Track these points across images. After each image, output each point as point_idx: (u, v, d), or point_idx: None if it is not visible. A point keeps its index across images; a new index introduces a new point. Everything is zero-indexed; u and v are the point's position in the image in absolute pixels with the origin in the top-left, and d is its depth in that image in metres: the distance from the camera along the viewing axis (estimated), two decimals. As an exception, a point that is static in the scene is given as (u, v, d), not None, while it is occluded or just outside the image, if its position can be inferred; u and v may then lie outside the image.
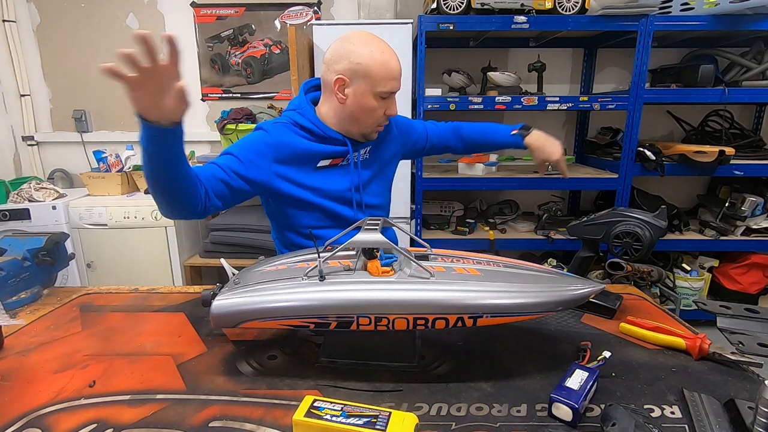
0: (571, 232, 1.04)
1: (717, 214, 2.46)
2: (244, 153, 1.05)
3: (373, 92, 1.06)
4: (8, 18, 2.63)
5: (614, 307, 0.94)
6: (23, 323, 0.94)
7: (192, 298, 1.07)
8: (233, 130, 2.37)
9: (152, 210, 2.35)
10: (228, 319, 0.71)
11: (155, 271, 2.43)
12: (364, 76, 1.05)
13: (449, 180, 2.33)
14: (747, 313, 0.85)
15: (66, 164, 2.87)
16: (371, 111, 1.09)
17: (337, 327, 0.70)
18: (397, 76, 1.08)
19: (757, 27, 2.11)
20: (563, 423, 0.62)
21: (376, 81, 1.05)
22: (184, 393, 0.70)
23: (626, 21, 2.11)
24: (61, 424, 0.63)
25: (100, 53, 2.73)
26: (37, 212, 2.31)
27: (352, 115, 1.11)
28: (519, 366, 0.76)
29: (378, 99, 1.08)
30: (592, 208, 2.85)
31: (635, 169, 2.29)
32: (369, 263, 0.74)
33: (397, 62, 1.08)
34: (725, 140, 2.44)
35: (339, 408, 0.58)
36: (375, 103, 1.08)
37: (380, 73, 1.05)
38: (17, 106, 2.77)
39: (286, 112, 1.18)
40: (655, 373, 0.74)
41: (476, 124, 1.45)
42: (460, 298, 0.68)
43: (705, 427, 0.60)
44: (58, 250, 1.12)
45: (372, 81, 1.05)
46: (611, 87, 2.76)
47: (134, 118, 0.78)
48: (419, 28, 2.12)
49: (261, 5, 2.67)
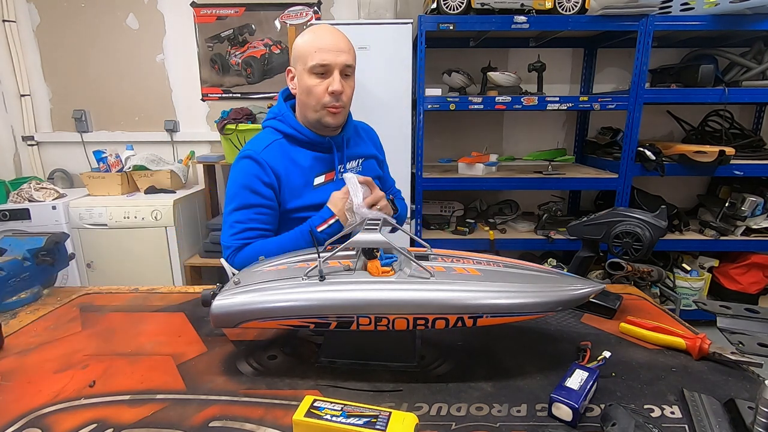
0: (571, 232, 1.04)
1: (717, 214, 2.46)
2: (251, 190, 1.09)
3: (306, 70, 1.07)
4: (8, 18, 2.63)
5: (614, 307, 0.94)
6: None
7: (192, 298, 1.07)
8: (233, 130, 2.37)
9: (152, 210, 2.35)
10: (228, 319, 0.71)
11: (155, 271, 2.43)
12: (298, 57, 1.09)
13: (449, 180, 2.33)
14: (747, 313, 0.85)
15: (66, 164, 2.87)
16: (310, 91, 1.08)
17: (337, 327, 0.70)
18: (324, 47, 1.05)
19: (757, 27, 2.11)
20: (563, 423, 0.62)
21: (305, 57, 1.07)
22: (184, 393, 0.70)
23: (626, 21, 2.11)
24: (61, 424, 0.63)
25: (100, 53, 2.73)
26: (37, 212, 2.31)
27: (301, 102, 1.12)
28: (519, 366, 0.76)
29: (313, 76, 1.07)
30: (592, 208, 2.85)
31: (635, 169, 2.29)
32: (369, 263, 0.74)
33: (330, 35, 1.07)
34: (725, 140, 2.44)
35: (339, 408, 0.58)
36: (312, 81, 1.07)
37: (307, 49, 1.06)
38: (17, 106, 2.78)
39: (267, 122, 1.19)
40: (655, 373, 0.74)
41: None
42: (460, 298, 0.68)
43: (705, 427, 0.60)
44: (58, 250, 1.12)
45: (303, 59, 1.07)
46: (611, 87, 2.76)
47: (134, 118, 0.79)
48: (419, 28, 2.12)
49: (261, 5, 2.67)
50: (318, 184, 1.15)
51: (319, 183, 1.15)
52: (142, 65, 2.75)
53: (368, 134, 1.35)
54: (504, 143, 2.86)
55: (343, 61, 1.07)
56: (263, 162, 1.09)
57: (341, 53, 1.07)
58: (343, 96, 1.09)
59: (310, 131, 1.14)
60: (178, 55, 2.74)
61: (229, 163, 2.52)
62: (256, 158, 1.09)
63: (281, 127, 1.15)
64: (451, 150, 2.80)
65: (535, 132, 2.84)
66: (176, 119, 2.82)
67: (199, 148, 2.84)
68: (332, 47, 1.06)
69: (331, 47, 1.06)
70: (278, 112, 1.17)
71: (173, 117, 2.83)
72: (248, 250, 1.08)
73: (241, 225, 1.09)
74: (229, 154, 2.49)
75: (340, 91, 1.08)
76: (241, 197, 1.09)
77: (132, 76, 2.77)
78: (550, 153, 2.45)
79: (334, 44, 1.07)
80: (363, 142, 1.29)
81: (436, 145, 2.79)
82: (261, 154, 1.10)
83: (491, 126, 2.83)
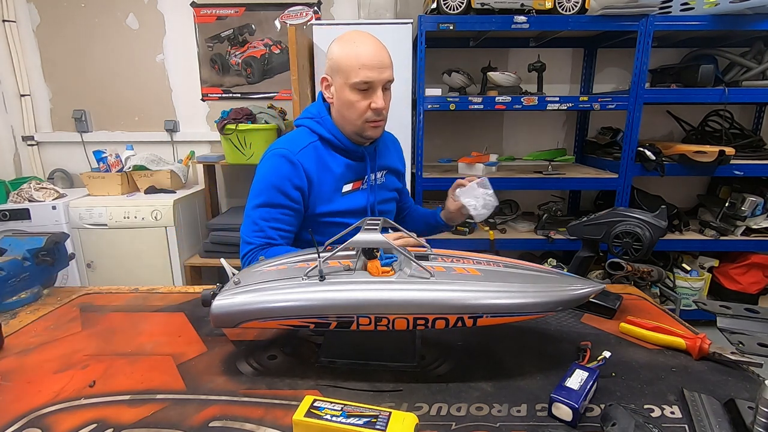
0: (571, 232, 1.04)
1: (717, 214, 2.46)
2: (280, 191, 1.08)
3: (348, 85, 1.04)
4: (8, 18, 2.63)
5: (614, 307, 0.94)
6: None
7: (192, 298, 1.06)
8: (233, 130, 2.37)
9: (152, 210, 2.35)
10: (228, 319, 0.71)
11: (155, 271, 2.43)
12: (338, 70, 1.05)
13: (449, 180, 2.31)
14: (747, 313, 0.85)
15: (66, 164, 2.87)
16: (351, 105, 1.06)
17: (337, 327, 0.70)
18: (368, 64, 1.02)
19: (757, 27, 2.11)
20: (563, 423, 0.62)
21: (347, 72, 1.04)
22: (184, 393, 0.70)
23: (626, 21, 2.11)
24: (61, 424, 0.63)
25: (100, 53, 2.73)
26: (37, 212, 2.31)
27: (340, 114, 1.10)
28: (519, 366, 0.76)
29: (355, 91, 1.05)
30: (592, 208, 2.85)
31: (635, 169, 2.29)
32: (369, 263, 0.74)
33: (373, 51, 1.04)
34: (725, 140, 2.44)
35: (339, 408, 0.58)
36: (353, 96, 1.05)
37: (350, 64, 1.03)
38: (17, 106, 2.77)
39: (305, 120, 1.16)
40: (655, 373, 0.74)
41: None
42: (460, 298, 0.68)
43: (705, 427, 0.60)
44: (58, 250, 1.12)
45: (344, 73, 1.04)
46: (611, 87, 2.76)
47: (134, 118, 0.79)
48: (419, 28, 2.12)
49: (261, 5, 2.67)
50: (346, 192, 1.14)
51: (347, 190, 1.14)
52: (142, 65, 2.75)
53: (395, 145, 1.35)
54: (504, 143, 2.86)
55: (387, 77, 1.06)
56: (298, 164, 1.08)
57: (385, 69, 1.05)
58: (384, 110, 1.09)
59: (347, 139, 1.13)
60: (178, 55, 2.74)
61: (229, 163, 2.52)
62: (292, 159, 1.08)
63: (319, 130, 1.13)
64: (451, 150, 2.80)
65: (535, 132, 2.84)
66: (176, 119, 2.82)
67: (199, 148, 2.84)
68: (377, 64, 1.03)
69: (375, 64, 1.03)
70: (317, 114, 1.14)
71: (173, 117, 2.82)
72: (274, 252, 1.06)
73: (264, 223, 1.09)
74: (229, 154, 2.48)
75: (383, 108, 1.07)
76: (269, 195, 1.08)
77: (132, 76, 2.76)
78: (550, 153, 2.46)
79: (379, 61, 1.04)
80: (390, 154, 1.28)
81: (436, 145, 2.79)
82: (297, 156, 1.08)
83: (491, 126, 2.83)
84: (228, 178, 2.93)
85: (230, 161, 2.51)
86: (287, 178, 1.07)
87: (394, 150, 1.33)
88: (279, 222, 1.09)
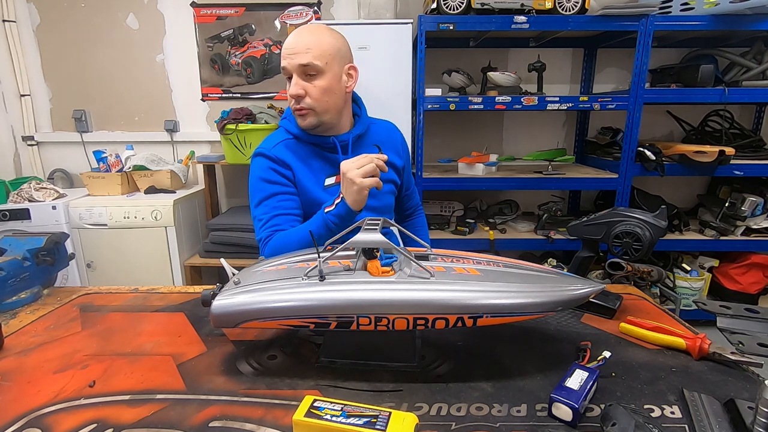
0: (571, 232, 1.04)
1: (717, 214, 2.46)
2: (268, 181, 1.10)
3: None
4: (8, 18, 2.63)
5: (614, 307, 0.94)
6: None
7: (192, 298, 1.06)
8: (233, 130, 2.37)
9: (152, 210, 2.35)
10: (228, 319, 0.71)
11: (155, 271, 2.43)
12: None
13: (449, 180, 2.33)
14: (747, 313, 0.85)
15: (66, 164, 2.87)
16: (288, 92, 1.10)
17: (337, 327, 0.70)
18: (284, 53, 1.06)
19: (757, 27, 2.11)
20: (563, 423, 0.62)
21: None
22: (184, 393, 0.70)
23: (626, 21, 2.11)
24: (61, 424, 0.63)
25: (100, 53, 2.73)
26: (37, 212, 2.31)
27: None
28: (519, 366, 0.76)
29: (287, 79, 1.09)
30: (592, 208, 2.85)
31: (635, 169, 2.29)
32: (369, 263, 0.74)
33: (291, 39, 1.06)
34: (725, 140, 2.44)
35: (339, 408, 0.58)
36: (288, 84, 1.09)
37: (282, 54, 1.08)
38: (17, 106, 2.77)
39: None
40: (655, 373, 0.74)
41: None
42: (460, 298, 0.68)
43: (705, 427, 0.60)
44: (58, 250, 1.12)
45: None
46: (611, 87, 2.76)
47: (134, 118, 0.79)
48: (419, 28, 2.12)
49: (261, 5, 2.67)
50: (329, 185, 1.14)
51: (330, 183, 1.15)
52: (142, 65, 2.75)
53: (393, 136, 1.29)
54: (504, 143, 2.86)
55: (298, 62, 1.04)
56: (274, 157, 1.11)
57: (297, 55, 1.04)
58: (307, 98, 1.07)
59: (306, 132, 1.13)
60: (178, 55, 2.74)
61: (229, 163, 2.52)
62: (267, 154, 1.12)
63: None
64: (451, 150, 2.80)
65: (535, 132, 2.84)
66: (176, 119, 2.82)
67: (199, 148, 2.84)
68: (289, 51, 1.05)
69: (287, 51, 1.05)
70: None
71: (173, 117, 2.83)
72: (273, 242, 1.07)
73: (267, 216, 1.10)
74: (229, 154, 2.49)
75: (296, 95, 1.06)
76: (260, 191, 1.11)
77: (132, 76, 2.77)
78: (550, 153, 2.46)
79: (291, 46, 1.05)
80: (382, 145, 1.23)
81: (436, 145, 2.79)
82: (272, 151, 1.12)
83: (491, 126, 2.83)
84: (228, 178, 2.93)
85: (230, 161, 2.51)
86: (269, 168, 1.11)
87: (389, 141, 1.27)
88: (279, 209, 1.10)
